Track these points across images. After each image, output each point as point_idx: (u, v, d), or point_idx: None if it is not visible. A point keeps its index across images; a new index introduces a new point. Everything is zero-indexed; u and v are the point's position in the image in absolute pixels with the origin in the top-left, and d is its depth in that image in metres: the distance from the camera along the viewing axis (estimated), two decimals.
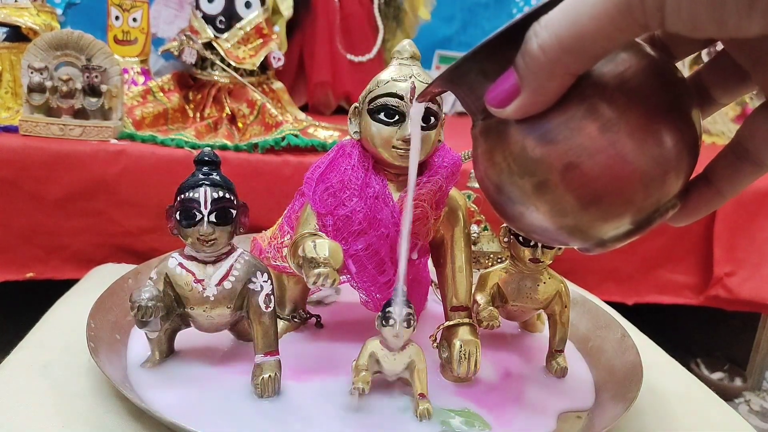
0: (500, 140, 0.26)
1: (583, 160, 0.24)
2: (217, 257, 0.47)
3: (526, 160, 0.25)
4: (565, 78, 0.23)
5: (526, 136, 0.25)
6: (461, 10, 1.87)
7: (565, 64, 0.23)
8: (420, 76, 0.49)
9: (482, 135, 0.28)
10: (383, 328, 0.46)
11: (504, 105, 0.25)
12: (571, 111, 0.24)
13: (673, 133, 0.25)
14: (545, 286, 0.56)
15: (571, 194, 0.25)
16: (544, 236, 0.28)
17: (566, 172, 0.25)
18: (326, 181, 0.51)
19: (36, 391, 0.46)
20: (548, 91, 0.24)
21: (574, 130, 0.24)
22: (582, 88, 0.24)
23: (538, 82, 0.23)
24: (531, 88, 0.24)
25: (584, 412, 0.51)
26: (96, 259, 0.79)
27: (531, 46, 0.23)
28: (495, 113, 0.25)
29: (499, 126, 0.26)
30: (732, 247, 0.94)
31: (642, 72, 0.25)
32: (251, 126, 0.98)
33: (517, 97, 0.24)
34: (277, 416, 0.45)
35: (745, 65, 0.26)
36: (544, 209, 0.26)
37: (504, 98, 0.25)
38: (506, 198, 0.27)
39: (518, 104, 0.24)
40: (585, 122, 0.24)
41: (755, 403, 1.05)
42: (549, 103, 0.24)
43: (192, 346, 0.53)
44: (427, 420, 0.46)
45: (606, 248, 0.27)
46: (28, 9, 0.92)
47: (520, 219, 0.28)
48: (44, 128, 0.80)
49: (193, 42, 1.02)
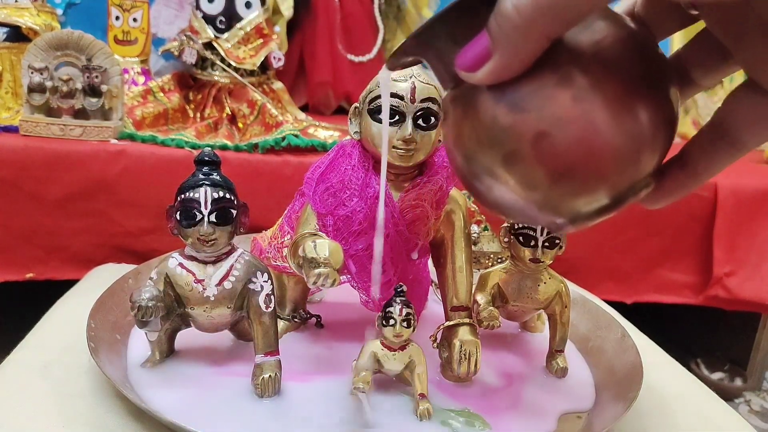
0: (469, 108, 0.25)
1: (555, 130, 0.23)
2: (217, 257, 0.47)
3: (495, 128, 0.24)
4: (539, 41, 0.22)
5: (497, 103, 0.24)
6: None
7: (541, 26, 0.22)
8: (420, 76, 0.49)
9: (452, 103, 0.26)
10: (383, 328, 0.46)
11: (474, 69, 0.23)
12: (544, 78, 0.23)
13: (650, 108, 0.24)
14: (545, 286, 0.56)
15: (542, 166, 0.24)
16: (513, 212, 0.27)
17: (537, 142, 0.23)
18: (326, 181, 0.51)
19: (36, 391, 0.46)
20: (522, 55, 0.22)
21: (547, 99, 0.23)
22: (556, 56, 0.23)
23: (512, 44, 0.22)
24: (504, 51, 0.22)
25: (584, 413, 0.51)
26: (96, 259, 0.79)
27: (505, 5, 0.22)
28: (465, 78, 0.24)
29: (468, 93, 0.25)
30: (732, 247, 0.94)
31: (620, 43, 0.24)
32: (251, 126, 0.98)
33: (488, 60, 0.23)
34: (277, 416, 0.45)
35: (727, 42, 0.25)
36: (513, 182, 0.25)
37: (475, 62, 0.23)
38: (475, 170, 0.26)
39: (489, 68, 0.23)
40: (558, 90, 0.23)
41: (755, 403, 1.05)
42: (522, 68, 0.23)
43: (192, 346, 0.53)
44: (427, 420, 0.46)
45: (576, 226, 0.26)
46: (28, 9, 0.92)
47: (488, 193, 0.26)
48: (44, 128, 0.80)
49: (193, 42, 1.02)
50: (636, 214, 0.92)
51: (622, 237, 0.93)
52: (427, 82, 0.49)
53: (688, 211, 0.93)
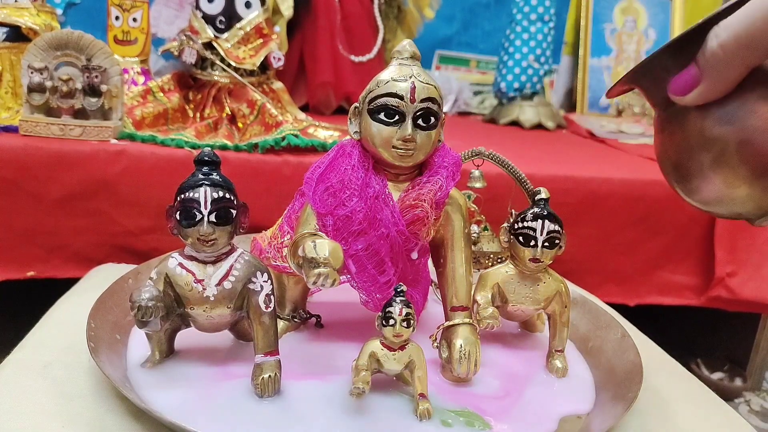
0: (681, 123, 0.32)
1: (756, 137, 0.29)
2: (217, 257, 0.47)
3: (704, 138, 0.30)
4: (741, 69, 0.28)
5: (705, 118, 0.30)
6: (462, 11, 1.87)
7: (742, 58, 0.28)
8: (420, 76, 0.49)
9: (664, 120, 0.33)
10: (383, 328, 0.46)
11: (685, 93, 0.30)
12: (745, 97, 0.29)
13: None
14: (545, 286, 0.56)
15: (745, 166, 0.29)
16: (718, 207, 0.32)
17: (741, 147, 0.29)
18: (326, 181, 0.51)
19: (36, 391, 0.46)
20: (725, 81, 0.29)
21: (748, 112, 0.29)
22: (755, 79, 0.29)
23: (717, 73, 0.29)
24: (710, 79, 0.29)
25: (584, 415, 0.51)
26: (96, 258, 0.79)
27: (712, 44, 0.28)
28: (677, 100, 0.31)
29: (679, 113, 0.32)
30: (733, 248, 0.94)
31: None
32: (251, 126, 0.98)
33: (697, 86, 0.30)
34: (277, 416, 0.45)
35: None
36: (719, 180, 0.31)
37: (685, 88, 0.30)
38: (684, 173, 0.32)
39: (699, 92, 0.30)
40: (758, 105, 0.29)
41: (755, 403, 1.05)
42: (726, 91, 0.29)
43: (192, 346, 0.53)
44: (427, 420, 0.46)
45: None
46: (28, 9, 0.92)
47: (698, 191, 0.32)
48: (44, 128, 0.80)
49: (193, 42, 1.02)
50: (636, 215, 0.92)
51: (623, 239, 0.93)
52: (426, 82, 0.49)
53: (689, 212, 0.93)
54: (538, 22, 1.49)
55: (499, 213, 0.60)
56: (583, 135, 1.46)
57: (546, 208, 0.54)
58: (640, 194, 0.91)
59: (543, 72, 1.52)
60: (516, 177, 0.73)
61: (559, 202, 0.58)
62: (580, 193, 0.89)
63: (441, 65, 1.84)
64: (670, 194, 0.94)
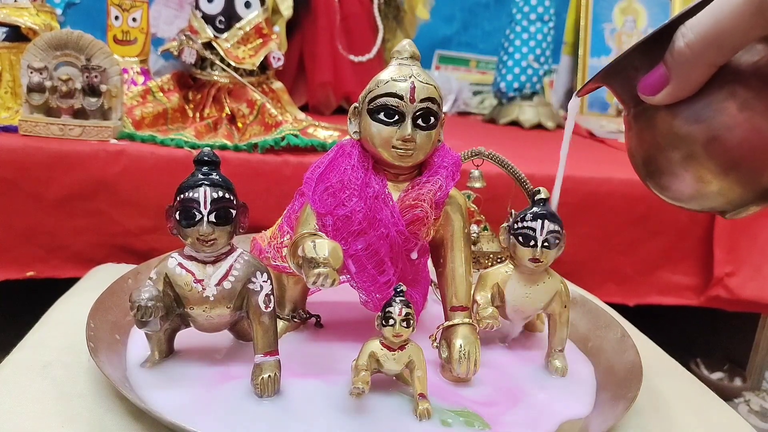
0: (650, 122, 0.32)
1: (724, 133, 0.30)
2: (216, 257, 0.47)
3: (674, 136, 0.31)
4: (707, 68, 0.29)
5: (674, 117, 0.31)
6: (461, 10, 1.87)
7: (708, 57, 0.28)
8: (420, 76, 0.49)
9: (634, 119, 0.34)
10: (383, 328, 0.46)
11: (654, 93, 0.31)
12: (712, 95, 0.30)
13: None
14: (545, 286, 0.56)
15: (714, 162, 0.30)
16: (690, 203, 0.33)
17: (709, 144, 0.30)
18: (326, 181, 0.51)
19: (36, 391, 0.46)
20: (693, 80, 0.29)
21: (716, 110, 0.30)
22: (722, 77, 0.29)
23: (685, 72, 0.29)
24: (678, 78, 0.30)
25: (584, 417, 0.50)
26: (96, 258, 0.79)
27: (678, 44, 0.29)
28: (646, 100, 0.31)
29: (648, 111, 0.32)
30: (732, 248, 0.94)
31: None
32: (251, 126, 0.98)
33: (665, 86, 0.30)
34: (277, 416, 0.45)
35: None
36: (689, 177, 0.32)
37: (655, 87, 0.31)
38: (655, 170, 0.33)
39: (667, 92, 0.30)
40: (725, 103, 0.29)
41: (755, 403, 1.05)
42: (693, 90, 0.30)
43: (192, 346, 0.53)
44: (427, 420, 0.46)
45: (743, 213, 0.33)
46: (27, 9, 0.92)
47: (669, 188, 0.33)
48: (44, 128, 0.80)
49: (192, 42, 1.02)
50: (636, 215, 0.92)
51: (623, 239, 0.93)
52: (426, 82, 0.49)
53: (689, 212, 0.93)
54: (538, 22, 1.49)
55: (499, 213, 0.60)
56: (583, 135, 1.46)
57: (546, 207, 0.54)
58: (640, 194, 0.91)
59: (543, 72, 1.52)
60: (516, 177, 0.73)
61: (559, 202, 0.58)
62: (580, 193, 0.89)
63: (441, 65, 1.84)
64: None
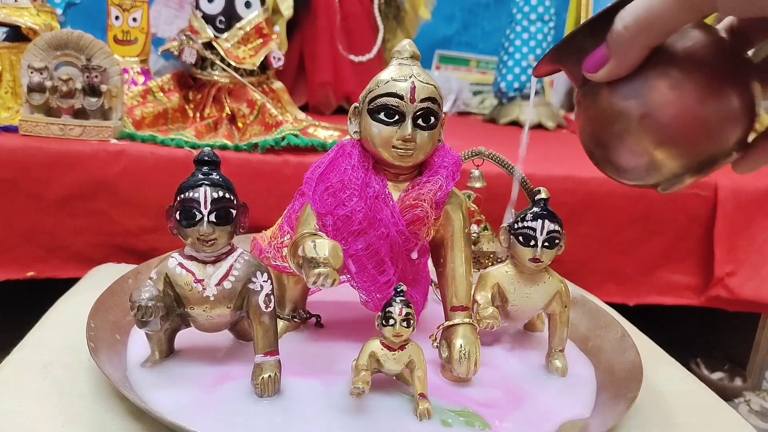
0: (594, 99, 0.35)
1: (656, 110, 0.32)
2: (217, 257, 0.47)
3: (613, 112, 0.34)
4: (642, 49, 0.32)
5: (613, 94, 0.33)
6: (461, 10, 1.87)
7: (642, 39, 0.31)
8: (420, 76, 0.49)
9: (582, 97, 0.36)
10: (383, 328, 0.46)
11: (596, 70, 0.33)
12: (647, 74, 0.32)
13: (730, 94, 0.32)
14: (545, 286, 0.56)
15: (647, 137, 0.33)
16: (626, 176, 0.36)
17: (643, 119, 0.32)
18: (326, 181, 0.51)
19: (36, 391, 0.46)
20: (629, 60, 0.32)
21: (650, 88, 0.32)
22: (657, 58, 0.32)
23: (622, 53, 0.32)
24: (617, 58, 0.32)
25: (584, 419, 0.50)
26: (96, 258, 0.79)
27: (617, 26, 0.32)
28: (589, 77, 0.34)
29: (593, 89, 0.35)
30: (733, 248, 0.94)
31: (706, 46, 0.32)
32: (251, 126, 0.98)
33: (605, 64, 0.33)
34: (277, 416, 0.45)
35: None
36: (626, 150, 0.34)
37: (596, 65, 0.33)
38: (597, 144, 0.36)
39: (607, 69, 0.33)
40: (658, 82, 0.32)
41: (755, 403, 1.05)
42: (630, 68, 0.32)
43: (192, 346, 0.53)
44: (427, 420, 0.46)
45: (675, 187, 0.35)
46: (28, 9, 0.92)
47: (609, 161, 0.36)
48: (44, 128, 0.80)
49: (193, 42, 1.02)
50: (636, 215, 0.92)
51: (623, 238, 0.93)
52: (426, 82, 0.49)
53: (688, 212, 0.93)
54: (538, 22, 1.49)
55: (499, 213, 0.60)
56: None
57: (546, 208, 0.54)
58: (640, 194, 0.91)
59: None
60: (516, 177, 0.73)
61: (559, 202, 0.58)
62: (580, 193, 0.89)
63: (441, 65, 1.84)
64: (670, 194, 0.94)
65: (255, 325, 0.48)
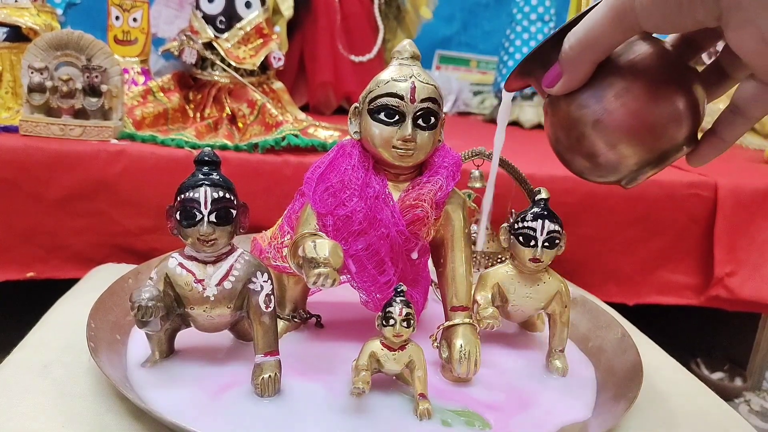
0: (556, 109, 0.39)
1: (605, 116, 0.36)
2: (217, 257, 0.47)
3: (570, 119, 0.38)
4: (588, 65, 0.36)
5: (569, 104, 0.37)
6: (461, 11, 1.87)
7: (586, 56, 0.35)
8: (420, 76, 0.49)
9: (547, 107, 0.40)
10: (383, 328, 0.46)
11: (552, 85, 0.38)
12: (596, 85, 0.36)
13: (673, 98, 0.36)
14: (545, 286, 0.56)
15: (600, 140, 0.37)
16: (590, 174, 0.39)
17: (594, 125, 0.36)
18: (326, 181, 0.51)
19: (36, 391, 0.46)
20: (578, 75, 0.36)
21: (598, 98, 0.36)
22: (605, 70, 0.36)
23: (571, 69, 0.36)
24: (568, 74, 0.36)
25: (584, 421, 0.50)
26: (96, 258, 0.79)
27: (564, 47, 0.36)
28: (547, 91, 0.38)
29: (554, 100, 0.39)
30: (732, 248, 0.94)
31: (648, 57, 0.36)
32: (251, 126, 0.98)
33: (560, 80, 0.37)
34: (277, 416, 0.45)
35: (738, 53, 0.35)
36: (584, 152, 0.38)
37: (552, 81, 0.37)
38: (561, 148, 0.40)
39: (560, 84, 0.37)
40: (605, 92, 0.36)
41: (755, 403, 1.04)
42: (580, 82, 0.37)
43: (192, 346, 0.53)
44: (427, 420, 0.46)
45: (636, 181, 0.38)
46: (28, 9, 0.92)
47: (572, 162, 0.40)
48: (44, 128, 0.80)
49: (193, 42, 1.02)
50: (636, 215, 0.92)
51: (623, 238, 0.93)
52: (426, 82, 0.49)
53: (688, 212, 0.93)
54: (538, 22, 1.49)
55: (500, 213, 0.60)
56: None
57: (546, 208, 0.54)
58: (639, 194, 0.91)
59: None
60: (516, 177, 0.73)
61: (559, 202, 0.58)
62: (580, 193, 0.89)
63: (441, 65, 1.84)
64: (669, 194, 0.94)
65: (255, 325, 0.48)
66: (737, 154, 1.30)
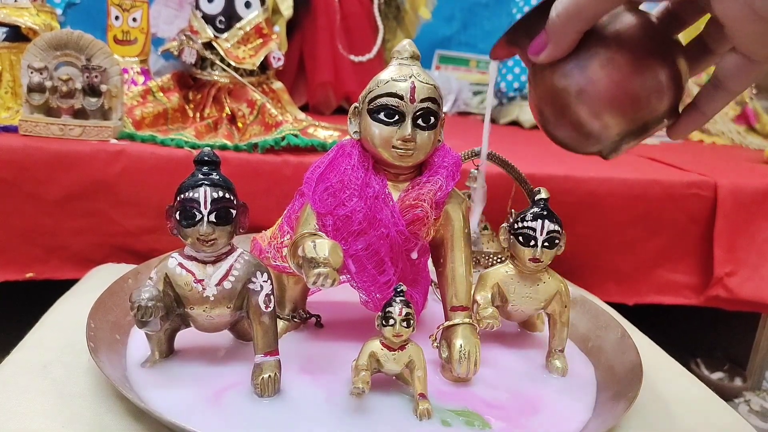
0: (541, 78, 0.39)
1: (589, 86, 0.36)
2: (217, 257, 0.47)
3: (554, 89, 0.38)
4: (574, 34, 0.36)
5: (554, 73, 0.38)
6: (461, 10, 1.87)
7: (572, 25, 0.35)
8: (420, 76, 0.49)
9: (531, 77, 0.40)
10: (383, 328, 0.46)
11: (538, 54, 0.37)
12: (581, 55, 0.37)
13: (656, 69, 0.36)
14: (545, 286, 0.56)
15: (583, 110, 0.37)
16: (572, 144, 0.40)
17: (578, 95, 0.37)
18: (326, 181, 0.51)
19: (36, 391, 0.46)
20: (564, 44, 0.36)
21: (583, 68, 0.36)
22: (590, 40, 0.36)
23: (557, 38, 0.36)
24: (553, 43, 0.36)
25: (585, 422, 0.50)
26: (96, 258, 0.79)
27: (552, 15, 0.36)
28: (532, 60, 0.38)
29: (538, 70, 0.39)
30: (732, 247, 0.94)
31: (634, 28, 0.36)
32: (251, 126, 0.98)
33: (545, 48, 0.37)
34: (276, 416, 0.45)
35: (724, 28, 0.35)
36: (567, 122, 0.38)
37: (538, 50, 0.37)
38: (546, 117, 0.40)
39: (546, 53, 0.37)
40: (590, 62, 0.36)
41: (755, 403, 1.04)
42: (565, 51, 0.37)
43: (192, 346, 0.53)
44: (427, 420, 0.46)
45: (618, 152, 0.39)
46: (28, 9, 0.92)
47: (556, 132, 0.40)
48: (44, 128, 0.80)
49: (192, 42, 1.02)
50: (636, 214, 0.92)
51: (623, 238, 0.93)
52: (426, 82, 0.49)
53: (688, 212, 0.93)
54: None
55: (499, 213, 0.60)
56: None
57: (546, 207, 0.54)
58: (639, 194, 0.91)
59: None
60: (516, 177, 0.73)
61: (558, 202, 0.58)
62: (579, 192, 0.89)
63: (441, 65, 1.84)
64: (669, 194, 0.94)
65: (255, 325, 0.48)
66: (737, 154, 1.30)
